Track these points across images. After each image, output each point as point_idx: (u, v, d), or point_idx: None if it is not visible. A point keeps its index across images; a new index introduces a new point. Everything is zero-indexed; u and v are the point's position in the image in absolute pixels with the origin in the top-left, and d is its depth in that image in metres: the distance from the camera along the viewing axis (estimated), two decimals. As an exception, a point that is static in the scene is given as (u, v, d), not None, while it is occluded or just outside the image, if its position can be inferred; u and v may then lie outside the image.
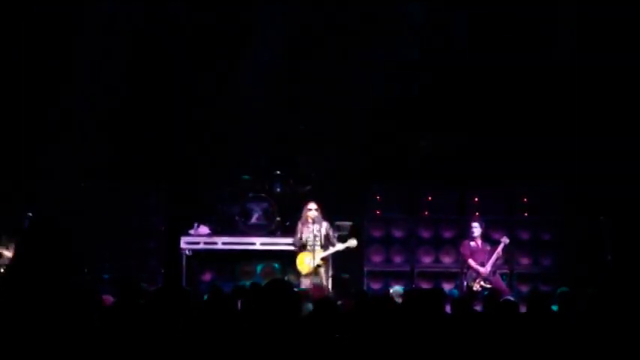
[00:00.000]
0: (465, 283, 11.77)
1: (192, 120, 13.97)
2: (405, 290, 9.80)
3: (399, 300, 8.39)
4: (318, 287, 10.24)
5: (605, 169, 12.57)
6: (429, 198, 13.05)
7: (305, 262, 11.35)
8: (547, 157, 13.06)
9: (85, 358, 3.76)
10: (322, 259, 11.27)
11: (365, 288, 12.49)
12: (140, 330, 4.87)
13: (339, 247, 11.29)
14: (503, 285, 11.68)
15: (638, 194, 12.45)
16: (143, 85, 13.44)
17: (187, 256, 12.61)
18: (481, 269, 11.68)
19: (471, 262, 11.78)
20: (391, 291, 10.30)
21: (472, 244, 11.93)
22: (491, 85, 13.41)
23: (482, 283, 11.59)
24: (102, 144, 13.19)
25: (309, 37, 13.61)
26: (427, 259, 12.92)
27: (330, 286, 11.34)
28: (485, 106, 13.43)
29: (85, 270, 12.31)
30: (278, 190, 13.27)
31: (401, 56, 13.61)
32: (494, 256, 11.75)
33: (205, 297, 7.55)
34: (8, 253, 11.54)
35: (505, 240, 11.86)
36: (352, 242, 11.36)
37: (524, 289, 12.44)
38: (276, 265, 12.84)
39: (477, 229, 11.98)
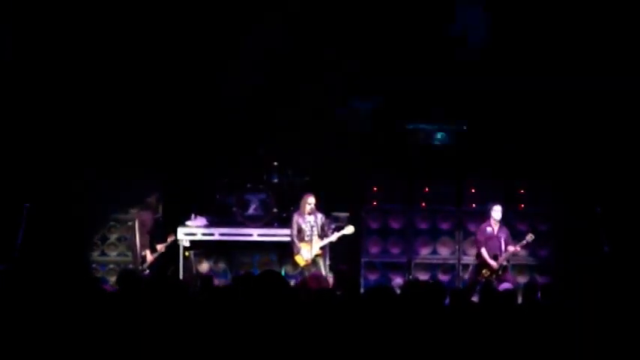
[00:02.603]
0: (473, 275, 11.61)
1: (189, 110, 13.99)
2: (404, 282, 9.80)
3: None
4: (316, 278, 10.24)
5: (601, 160, 12.60)
6: (427, 189, 13.03)
7: (303, 254, 11.39)
8: (544, 147, 13.12)
9: (87, 346, 3.78)
10: (320, 248, 11.35)
11: (362, 279, 12.51)
12: (138, 318, 4.89)
13: (333, 237, 11.37)
14: (510, 279, 11.39)
15: (634, 185, 12.47)
16: (141, 74, 13.45)
17: (184, 246, 12.61)
18: (492, 263, 11.45)
19: (484, 252, 11.53)
20: (393, 283, 10.33)
21: (488, 229, 11.63)
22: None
23: (487, 275, 11.35)
24: (98, 134, 13.21)
25: (309, 27, 13.66)
26: (424, 251, 12.92)
27: (328, 277, 11.35)
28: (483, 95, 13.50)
29: (87, 260, 12.38)
30: (275, 181, 13.25)
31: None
32: (511, 249, 11.51)
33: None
34: (151, 257, 11.62)
35: (530, 237, 11.56)
36: (349, 229, 11.44)
37: (521, 280, 12.43)
38: (274, 257, 12.84)
39: (498, 212, 11.63)
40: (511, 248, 11.58)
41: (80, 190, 12.49)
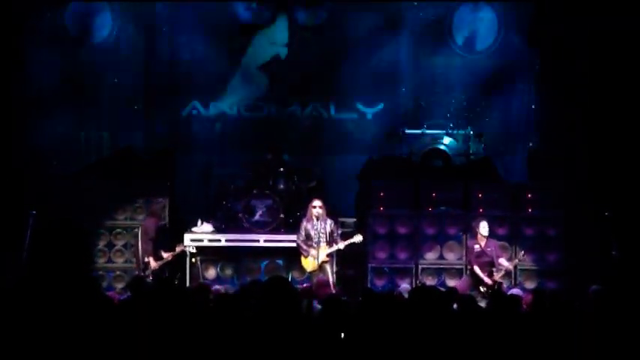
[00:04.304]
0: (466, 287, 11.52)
1: (195, 116, 14.07)
2: (411, 288, 9.74)
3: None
4: (322, 284, 10.22)
5: (610, 164, 12.54)
6: (433, 194, 12.97)
7: (310, 259, 11.36)
8: (553, 151, 13.10)
9: (91, 352, 3.76)
10: (327, 255, 11.30)
11: (369, 284, 12.46)
12: (143, 325, 4.86)
13: (341, 245, 11.31)
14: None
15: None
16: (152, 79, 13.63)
17: (191, 253, 12.58)
18: (487, 280, 11.39)
19: (477, 269, 11.48)
20: (399, 288, 10.27)
21: (476, 246, 11.62)
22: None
23: (484, 291, 11.25)
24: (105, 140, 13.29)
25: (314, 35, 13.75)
26: (431, 256, 12.86)
27: (335, 283, 11.32)
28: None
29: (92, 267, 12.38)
30: (281, 186, 13.23)
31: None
32: (506, 265, 11.47)
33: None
34: (155, 264, 11.63)
35: (522, 255, 11.83)
36: (357, 238, 11.39)
37: (529, 285, 12.36)
38: (280, 262, 12.80)
39: (485, 228, 11.67)
40: (504, 263, 11.53)
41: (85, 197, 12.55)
